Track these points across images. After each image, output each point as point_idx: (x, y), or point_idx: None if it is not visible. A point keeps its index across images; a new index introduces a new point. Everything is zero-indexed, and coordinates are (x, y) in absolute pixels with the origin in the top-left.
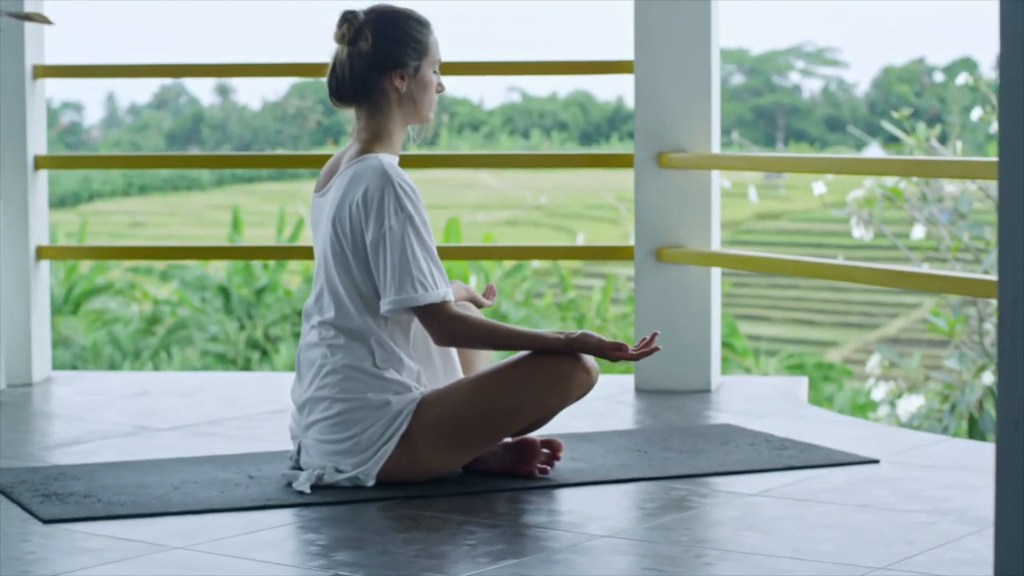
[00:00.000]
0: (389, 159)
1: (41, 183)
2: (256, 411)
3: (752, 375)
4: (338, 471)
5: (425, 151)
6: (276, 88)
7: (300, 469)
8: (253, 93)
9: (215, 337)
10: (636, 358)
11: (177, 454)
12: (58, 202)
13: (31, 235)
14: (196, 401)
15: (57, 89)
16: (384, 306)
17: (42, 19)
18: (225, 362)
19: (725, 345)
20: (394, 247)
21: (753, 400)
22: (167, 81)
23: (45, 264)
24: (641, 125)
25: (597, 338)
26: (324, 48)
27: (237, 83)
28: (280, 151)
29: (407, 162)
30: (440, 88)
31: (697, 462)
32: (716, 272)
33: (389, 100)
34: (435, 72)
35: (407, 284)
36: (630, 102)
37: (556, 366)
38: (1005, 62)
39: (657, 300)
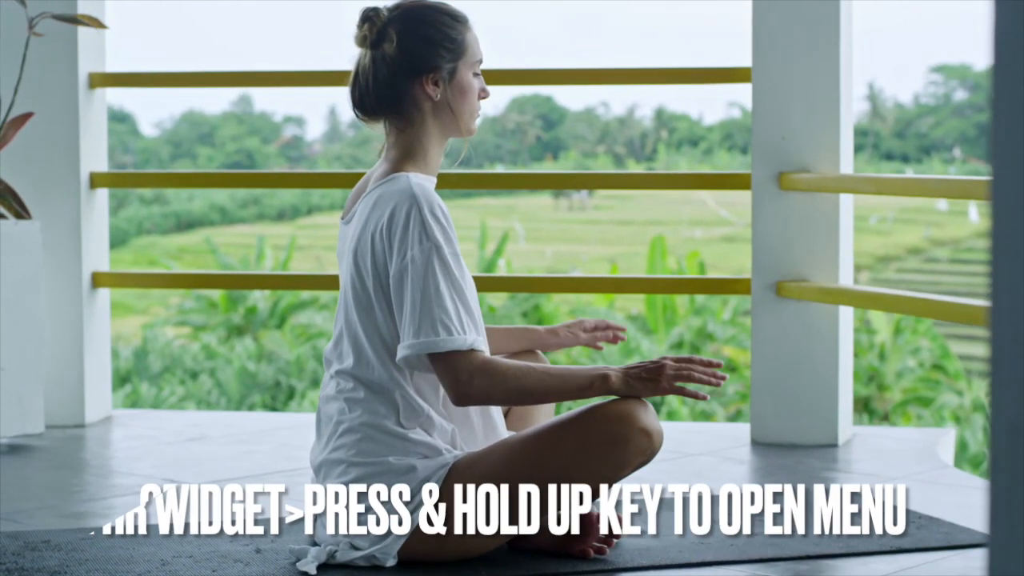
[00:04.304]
0: (420, 180)
1: (99, 202)
2: None
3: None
4: (354, 548)
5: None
6: (495, 102)
7: (316, 544)
8: None
9: None
10: (690, 390)
11: None
12: (276, 216)
13: (85, 260)
14: (251, 449)
15: (280, 103)
16: (400, 352)
17: (94, 22)
18: None
19: (936, 367)
20: (416, 281)
21: (884, 458)
22: None
23: (104, 292)
24: (759, 141)
25: (652, 361)
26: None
27: None
28: (499, 167)
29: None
30: (484, 94)
31: (789, 542)
32: (847, 311)
33: (421, 110)
34: (476, 75)
35: (427, 325)
36: None
37: (609, 428)
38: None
39: (776, 341)
